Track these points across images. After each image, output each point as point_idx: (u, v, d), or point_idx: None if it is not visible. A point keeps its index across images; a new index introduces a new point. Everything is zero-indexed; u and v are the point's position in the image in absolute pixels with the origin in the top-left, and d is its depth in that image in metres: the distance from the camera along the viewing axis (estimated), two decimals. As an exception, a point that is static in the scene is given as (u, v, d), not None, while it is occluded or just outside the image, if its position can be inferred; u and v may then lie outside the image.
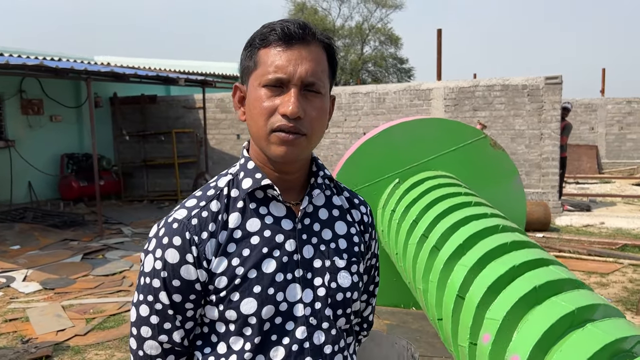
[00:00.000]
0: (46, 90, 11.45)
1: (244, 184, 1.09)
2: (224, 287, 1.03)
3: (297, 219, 1.10)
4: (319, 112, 1.06)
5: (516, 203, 4.85)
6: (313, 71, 1.03)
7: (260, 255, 1.05)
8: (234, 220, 1.06)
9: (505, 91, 9.02)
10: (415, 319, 4.51)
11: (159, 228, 1.07)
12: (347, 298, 1.11)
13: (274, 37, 1.03)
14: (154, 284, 1.05)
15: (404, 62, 34.85)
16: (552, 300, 2.39)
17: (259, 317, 1.03)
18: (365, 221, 1.23)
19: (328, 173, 1.18)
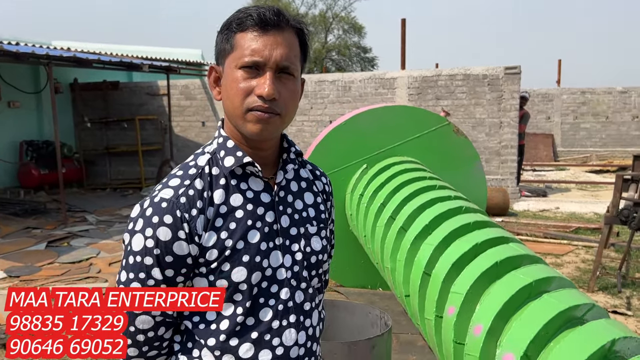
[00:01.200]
0: (3, 76, 11.09)
1: (226, 162, 1.16)
2: (214, 259, 1.11)
3: (274, 192, 1.20)
4: (292, 93, 1.16)
5: (477, 187, 5.07)
6: (287, 55, 1.12)
7: (245, 227, 1.14)
8: (219, 197, 1.14)
9: (467, 80, 9.28)
10: (382, 299, 4.69)
11: (145, 208, 1.12)
12: (319, 260, 1.25)
13: (251, 22, 1.11)
14: (145, 262, 1.11)
15: (368, 51, 35.09)
16: (511, 274, 2.57)
17: (249, 283, 1.12)
18: (327, 190, 1.36)
19: (298, 149, 1.28)
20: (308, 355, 1.21)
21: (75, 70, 12.08)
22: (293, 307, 1.18)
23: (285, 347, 1.16)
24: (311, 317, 1.23)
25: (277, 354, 1.15)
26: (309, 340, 1.21)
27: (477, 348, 2.34)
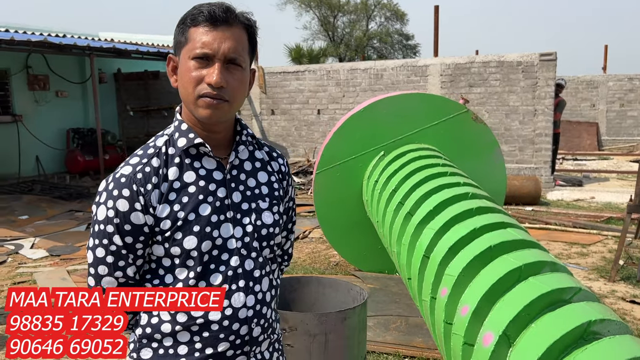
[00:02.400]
0: (52, 66, 11.66)
1: (179, 143, 1.30)
2: (168, 228, 1.25)
3: (226, 171, 1.33)
4: (239, 82, 1.28)
5: (496, 174, 5.06)
6: (234, 48, 1.24)
7: (197, 201, 1.27)
8: (173, 174, 1.27)
9: (501, 67, 9.14)
10: (397, 284, 4.78)
11: (108, 183, 1.27)
12: (270, 232, 1.37)
13: (202, 18, 1.23)
14: (107, 230, 1.25)
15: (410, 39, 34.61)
16: (502, 258, 2.62)
17: (199, 251, 1.25)
18: (282, 170, 1.48)
19: (251, 132, 1.40)
20: (257, 317, 1.33)
21: (119, 61, 12.58)
22: (242, 274, 1.30)
23: (234, 308, 1.28)
24: (261, 283, 1.34)
25: (226, 314, 1.27)
26: (257, 303, 1.33)
27: (462, 328, 2.42)
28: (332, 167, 4.91)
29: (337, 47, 31.82)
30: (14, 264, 5.85)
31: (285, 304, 2.25)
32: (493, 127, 9.12)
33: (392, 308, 4.32)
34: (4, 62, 10.95)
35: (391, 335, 3.82)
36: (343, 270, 5.35)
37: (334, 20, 33.22)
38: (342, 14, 33.29)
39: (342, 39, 33.07)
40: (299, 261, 5.72)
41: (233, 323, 1.29)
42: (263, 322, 1.35)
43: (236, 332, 1.29)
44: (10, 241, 6.71)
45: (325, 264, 5.58)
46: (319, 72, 10.80)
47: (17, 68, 11.19)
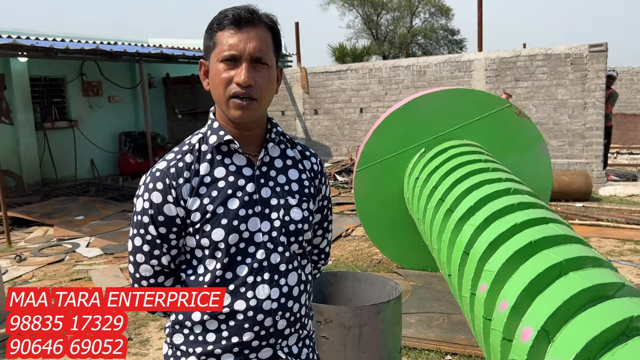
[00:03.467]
0: (104, 73, 12.16)
1: (210, 140, 1.37)
2: (198, 220, 1.32)
3: (256, 167, 1.38)
4: (267, 80, 1.33)
5: (541, 169, 4.95)
6: (259, 48, 1.30)
7: (225, 195, 1.33)
8: (204, 169, 1.34)
9: (548, 60, 8.89)
10: (440, 281, 4.75)
11: (146, 177, 1.35)
12: (298, 228, 1.41)
13: (227, 21, 1.30)
14: (144, 220, 1.34)
15: (455, 34, 34.02)
16: (543, 253, 2.59)
17: (226, 243, 1.31)
18: (315, 169, 1.51)
19: (280, 130, 1.45)
20: (282, 310, 1.37)
21: (167, 66, 12.97)
22: (267, 267, 1.35)
23: (258, 299, 1.34)
24: (287, 277, 1.38)
25: (250, 304, 1.33)
26: (282, 296, 1.37)
27: (501, 323, 2.41)
28: (373, 165, 4.92)
29: (381, 45, 31.64)
30: (72, 262, 6.16)
31: (323, 298, 2.30)
32: (541, 122, 8.89)
33: (434, 305, 4.31)
34: (60, 70, 11.49)
35: (433, 332, 3.81)
36: (385, 268, 5.36)
37: (377, 18, 33.05)
38: (385, 11, 33.08)
39: (386, 36, 32.86)
40: (341, 259, 5.76)
41: (257, 314, 1.34)
42: (289, 316, 1.38)
43: (260, 323, 1.34)
44: (67, 240, 7.06)
45: (368, 262, 5.60)
46: (361, 71, 10.80)
47: (72, 76, 11.72)
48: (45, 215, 8.21)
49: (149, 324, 4.33)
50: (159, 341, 4.03)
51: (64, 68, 11.46)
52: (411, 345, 3.64)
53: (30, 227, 7.90)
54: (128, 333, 4.13)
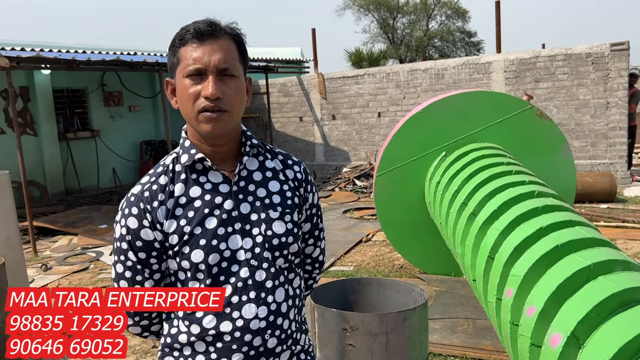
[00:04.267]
0: (125, 83, 12.34)
1: (182, 159, 1.34)
2: (176, 243, 1.29)
3: (233, 183, 1.34)
4: (235, 91, 1.29)
5: (565, 171, 4.88)
6: (224, 59, 1.27)
7: (202, 215, 1.29)
8: (179, 190, 1.31)
9: (568, 60, 8.78)
10: (464, 286, 4.70)
11: (123, 202, 1.33)
12: (282, 242, 1.36)
13: (189, 36, 1.27)
14: (122, 246, 1.32)
15: (473, 36, 33.82)
16: (570, 257, 2.55)
17: (207, 264, 1.28)
18: (299, 177, 1.46)
19: (256, 142, 1.40)
20: (271, 328, 1.32)
21: (185, 74, 13.10)
22: (252, 285, 1.31)
23: (245, 319, 1.30)
24: (274, 294, 1.34)
25: (237, 325, 1.29)
26: (271, 314, 1.32)
27: (529, 329, 2.37)
28: (393, 170, 4.90)
29: (398, 49, 31.60)
30: (96, 270, 6.23)
31: (347, 305, 2.29)
32: (562, 123, 8.77)
33: (459, 310, 4.27)
34: (82, 81, 11.69)
35: (458, 338, 3.77)
36: (408, 273, 5.32)
37: (393, 22, 33.02)
38: (401, 15, 33.04)
39: (402, 40, 32.81)
40: (362, 264, 5.74)
41: (245, 334, 1.30)
42: (279, 334, 1.34)
43: (249, 343, 1.30)
44: (91, 249, 7.15)
45: (390, 267, 5.57)
46: (379, 75, 10.79)
47: (93, 86, 11.92)
48: (69, 225, 8.34)
49: (173, 331, 4.37)
50: (183, 348, 4.06)
51: (85, 79, 11.66)
52: (436, 351, 3.61)
53: (55, 236, 8.03)
54: (153, 341, 4.17)
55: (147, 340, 4.21)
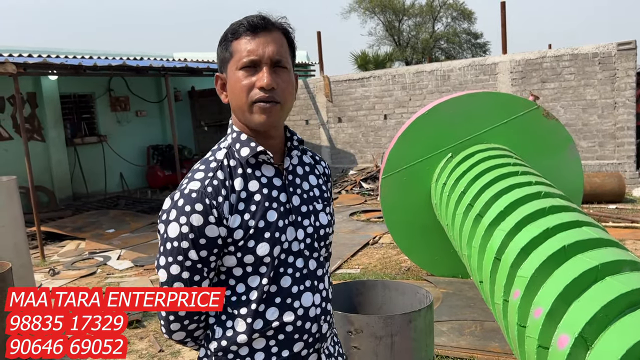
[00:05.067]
0: (131, 88, 12.39)
1: (242, 153, 1.32)
2: (241, 237, 1.28)
3: (284, 176, 1.37)
4: (287, 83, 1.32)
5: (572, 172, 4.85)
6: (278, 51, 1.30)
7: (264, 208, 1.31)
8: (239, 184, 1.31)
9: (575, 61, 8.73)
10: (471, 288, 4.67)
11: (177, 200, 1.27)
12: (327, 232, 1.43)
13: (243, 29, 1.29)
14: (182, 246, 1.26)
15: (479, 37, 33.71)
16: (577, 257, 2.52)
17: (271, 256, 1.30)
18: (326, 173, 1.54)
19: (299, 137, 1.44)
20: (324, 314, 1.40)
21: (192, 79, 13.16)
22: (307, 274, 1.37)
23: (305, 308, 1.35)
24: (324, 282, 1.42)
25: (298, 314, 1.34)
26: (323, 301, 1.40)
27: (536, 330, 2.35)
28: (399, 171, 4.89)
29: (403, 51, 31.55)
30: (103, 274, 6.25)
31: (352, 307, 2.27)
32: (569, 123, 8.72)
33: (466, 313, 4.24)
34: (89, 87, 11.76)
35: (465, 340, 3.75)
36: (415, 275, 5.30)
37: (399, 24, 32.99)
38: (407, 17, 32.99)
39: (408, 42, 32.76)
40: (369, 267, 5.72)
41: (305, 322, 1.35)
42: (329, 319, 1.42)
43: (308, 330, 1.36)
44: (99, 253, 7.18)
45: (397, 270, 5.55)
46: (384, 77, 10.77)
47: (100, 92, 11.98)
48: (77, 229, 8.38)
49: (180, 335, 4.36)
50: (189, 352, 4.06)
51: (92, 84, 11.73)
52: (443, 353, 3.59)
53: (63, 241, 8.06)
54: (160, 344, 4.17)
55: (154, 344, 4.21)
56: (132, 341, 4.30)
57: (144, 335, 4.42)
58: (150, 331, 4.48)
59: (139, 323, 4.62)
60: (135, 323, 4.60)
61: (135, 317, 4.65)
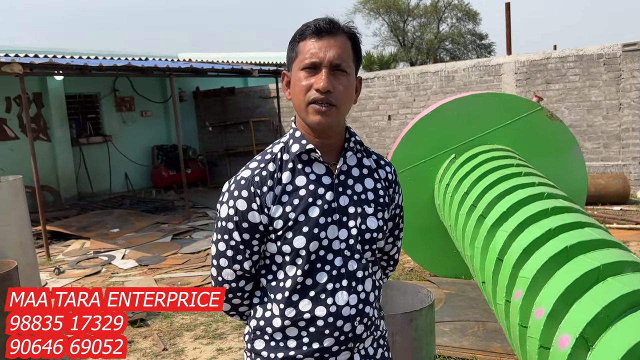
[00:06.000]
0: (136, 88, 12.44)
1: (293, 149, 1.41)
2: (280, 227, 1.36)
3: (335, 176, 1.42)
4: (346, 87, 1.37)
5: (576, 173, 4.85)
6: (339, 55, 1.34)
7: (306, 203, 1.37)
8: (286, 177, 1.39)
9: (580, 62, 8.71)
10: (474, 289, 4.68)
11: (230, 184, 1.41)
12: (373, 237, 1.44)
13: (309, 31, 1.36)
14: (228, 226, 1.39)
15: (484, 38, 33.68)
16: (579, 258, 2.53)
17: (307, 250, 1.36)
18: (389, 178, 1.54)
19: (358, 139, 1.49)
20: (360, 316, 1.41)
21: (197, 80, 13.19)
22: (345, 274, 1.39)
23: (338, 306, 1.38)
24: (364, 284, 1.42)
25: (330, 311, 1.37)
26: (360, 302, 1.41)
27: (538, 331, 2.36)
28: (402, 172, 4.90)
29: (408, 52, 31.55)
30: (108, 274, 6.29)
31: (354, 306, 2.28)
32: (574, 124, 8.70)
33: (469, 313, 4.25)
34: (94, 87, 11.82)
35: (468, 341, 3.76)
36: (418, 275, 5.31)
37: (403, 25, 32.99)
38: (411, 18, 32.99)
39: (413, 43, 32.75)
40: (373, 267, 5.73)
41: (337, 320, 1.38)
42: (366, 321, 1.42)
43: (340, 328, 1.38)
44: (104, 253, 7.22)
45: (400, 270, 5.56)
46: (389, 78, 10.78)
47: (105, 92, 12.03)
48: (82, 229, 8.42)
49: (184, 334, 4.39)
50: (193, 351, 4.08)
51: (97, 85, 11.78)
52: (446, 354, 3.60)
53: (68, 240, 8.11)
54: (163, 343, 4.20)
55: (157, 343, 4.23)
56: (135, 340, 4.33)
57: (148, 334, 4.44)
58: (154, 330, 4.51)
59: (143, 322, 4.65)
60: (139, 322, 4.63)
61: (139, 316, 4.68)
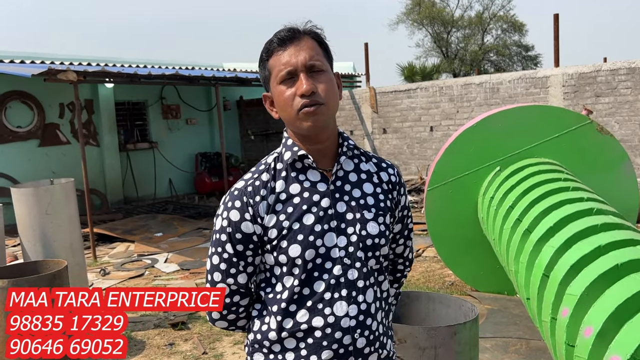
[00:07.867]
0: (182, 97, 12.76)
1: (285, 157, 1.40)
2: (275, 237, 1.34)
3: (330, 182, 1.40)
4: (327, 84, 1.36)
5: (627, 188, 4.68)
6: (310, 56, 1.34)
7: (301, 211, 1.35)
8: (280, 186, 1.38)
9: (632, 74, 8.43)
10: (517, 305, 4.57)
11: (226, 196, 1.40)
12: (375, 243, 1.40)
13: (274, 46, 1.37)
14: (221, 238, 1.38)
15: (530, 50, 33.00)
16: (631, 277, 2.45)
17: (303, 259, 1.33)
18: (392, 181, 1.50)
19: (353, 143, 1.46)
20: (361, 328, 1.35)
21: (241, 89, 13.43)
22: (344, 283, 1.35)
23: (336, 316, 1.34)
24: (365, 294, 1.37)
25: (328, 321, 1.33)
26: (361, 314, 1.35)
27: (586, 350, 2.29)
28: (445, 184, 4.85)
29: (451, 63, 31.21)
30: (151, 277, 6.44)
31: (395, 317, 2.27)
32: (625, 139, 8.41)
33: (511, 330, 4.15)
34: (143, 95, 12.19)
35: (510, 358, 3.67)
36: (459, 290, 5.22)
37: (447, 36, 32.68)
38: (455, 29, 32.65)
39: (457, 54, 32.38)
40: (412, 280, 5.67)
41: (335, 331, 1.33)
42: (368, 334, 1.37)
43: (339, 340, 1.33)
44: (147, 256, 7.40)
45: (440, 284, 5.48)
46: (431, 89, 10.70)
47: (153, 100, 12.39)
48: (127, 232, 8.66)
49: (223, 338, 4.45)
50: (232, 356, 4.13)
51: (145, 93, 12.14)
52: (487, 370, 3.52)
53: (114, 242, 8.35)
54: (203, 347, 4.26)
55: (197, 346, 4.30)
56: (177, 342, 4.41)
57: (189, 337, 4.52)
58: (195, 333, 4.58)
59: (184, 325, 4.73)
60: (180, 325, 4.71)
61: (180, 319, 4.77)
